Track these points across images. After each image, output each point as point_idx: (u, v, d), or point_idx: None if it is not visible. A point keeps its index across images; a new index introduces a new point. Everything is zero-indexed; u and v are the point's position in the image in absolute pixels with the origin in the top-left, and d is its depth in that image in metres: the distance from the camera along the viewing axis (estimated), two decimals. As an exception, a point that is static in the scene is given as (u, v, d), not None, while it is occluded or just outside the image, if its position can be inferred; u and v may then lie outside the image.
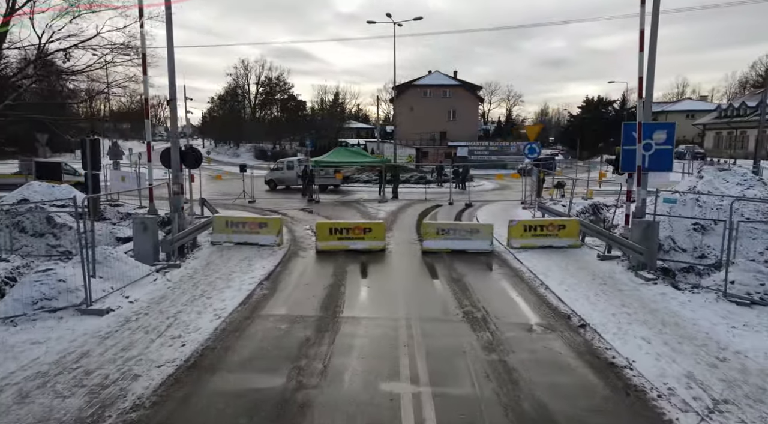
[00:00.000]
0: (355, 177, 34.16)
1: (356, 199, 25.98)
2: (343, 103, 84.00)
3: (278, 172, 31.67)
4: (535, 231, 13.48)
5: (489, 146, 56.15)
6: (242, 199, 24.83)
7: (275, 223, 13.81)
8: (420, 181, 33.62)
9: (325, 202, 24.60)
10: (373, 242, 13.45)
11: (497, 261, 12.42)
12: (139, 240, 10.73)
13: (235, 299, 8.97)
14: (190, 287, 9.60)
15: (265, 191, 30.70)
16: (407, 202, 24.54)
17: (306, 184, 26.43)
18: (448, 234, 13.41)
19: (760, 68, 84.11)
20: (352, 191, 30.50)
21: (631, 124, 11.35)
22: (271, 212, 21.14)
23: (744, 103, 53.11)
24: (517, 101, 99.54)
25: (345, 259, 12.51)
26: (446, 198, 25.08)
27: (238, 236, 13.60)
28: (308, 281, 10.63)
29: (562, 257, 12.35)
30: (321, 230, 13.49)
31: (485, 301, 9.16)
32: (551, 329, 7.72)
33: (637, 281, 10.07)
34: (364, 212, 21.31)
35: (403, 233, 16.21)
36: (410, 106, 64.10)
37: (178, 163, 12.06)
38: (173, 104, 11.66)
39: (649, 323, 7.77)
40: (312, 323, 7.96)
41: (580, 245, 13.41)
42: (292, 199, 26.30)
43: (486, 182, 36.18)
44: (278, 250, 13.24)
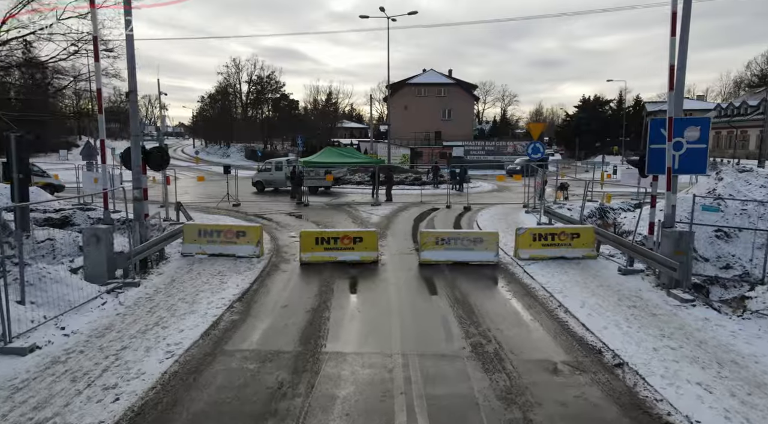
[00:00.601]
0: (347, 178, 32.64)
1: (348, 202, 24.49)
2: (336, 103, 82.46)
3: (266, 173, 30.11)
4: (545, 240, 12.04)
5: (485, 146, 54.80)
6: (226, 203, 23.26)
7: (254, 231, 12.29)
8: (415, 182, 32.17)
9: (314, 206, 23.09)
10: (364, 253, 11.97)
11: (505, 275, 10.96)
12: (90, 255, 9.18)
13: (197, 329, 7.45)
14: (145, 313, 8.06)
15: (253, 194, 29.13)
16: (402, 205, 23.07)
17: (294, 187, 24.91)
18: (449, 244, 11.95)
19: (755, 68, 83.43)
20: (344, 193, 28.99)
21: (660, 121, 9.94)
22: (256, 216, 19.61)
23: (745, 102, 52.07)
24: (511, 101, 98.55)
25: (332, 273, 11.02)
26: (443, 201, 23.63)
27: (213, 247, 12.07)
28: (288, 302, 9.13)
29: (577, 271, 10.91)
30: (306, 240, 11.99)
31: (496, 328, 7.70)
32: (581, 370, 6.27)
33: (671, 301, 8.64)
34: (355, 216, 19.82)
35: (397, 241, 14.74)
36: (404, 105, 62.64)
37: (139, 165, 10.51)
38: (133, 96, 10.13)
39: (702, 361, 6.34)
40: (287, 362, 6.47)
41: (595, 255, 11.99)
42: (279, 202, 24.76)
43: (483, 183, 34.79)
44: (257, 262, 11.72)
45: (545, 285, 9.88)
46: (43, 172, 23.26)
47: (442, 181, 32.63)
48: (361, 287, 10.10)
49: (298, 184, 24.35)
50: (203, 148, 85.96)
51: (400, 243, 14.47)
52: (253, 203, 23.80)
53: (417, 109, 62.55)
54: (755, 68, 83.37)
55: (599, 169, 29.04)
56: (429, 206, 22.67)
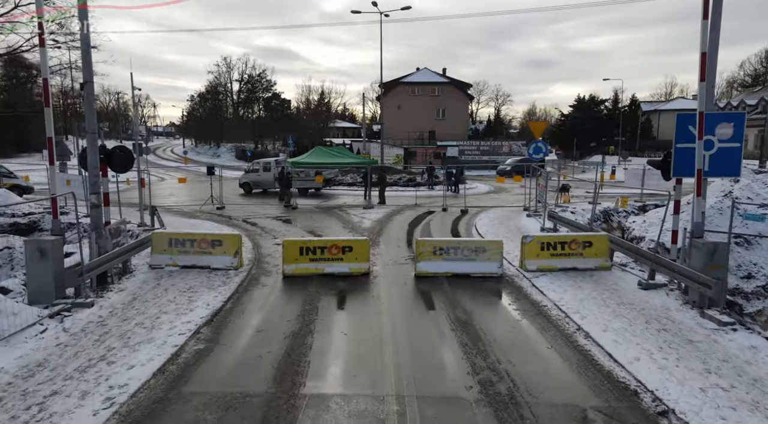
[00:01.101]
0: (339, 179, 31.40)
1: (338, 205, 23.25)
2: (329, 102, 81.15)
3: (253, 174, 28.79)
4: (554, 249, 10.88)
5: (480, 146, 53.73)
6: (210, 206, 21.97)
7: (232, 240, 11.03)
8: (409, 183, 30.98)
9: (303, 209, 21.84)
10: (354, 265, 10.76)
11: (511, 290, 9.79)
12: (34, 272, 7.90)
13: (151, 364, 6.21)
14: (91, 343, 6.80)
15: (240, 195, 27.84)
16: (396, 208, 21.87)
17: (282, 188, 23.65)
18: (448, 254, 10.76)
19: (748, 68, 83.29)
20: (335, 195, 27.75)
21: (688, 117, 8.81)
22: (240, 220, 18.34)
23: (743, 102, 51.36)
24: (505, 100, 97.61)
25: (318, 288, 9.81)
26: (439, 203, 22.46)
27: (185, 258, 10.81)
28: (265, 325, 7.90)
29: (592, 285, 9.75)
30: (289, 250, 10.75)
31: (507, 360, 6.52)
32: (618, 420, 5.09)
33: (706, 324, 7.50)
34: (346, 220, 18.59)
35: (391, 249, 13.53)
36: (398, 105, 61.51)
37: (97, 167, 9.23)
38: (89, 88, 8.86)
39: (765, 407, 5.18)
40: (255, 410, 5.25)
41: (609, 266, 10.84)
42: (267, 204, 23.47)
43: (479, 185, 33.65)
44: (234, 275, 10.48)
45: (559, 303, 8.71)
46: (10, 173, 21.83)
47: (437, 182, 31.49)
48: (350, 306, 8.89)
49: (287, 185, 23.10)
50: (193, 148, 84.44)
51: (394, 251, 13.26)
52: (239, 206, 22.51)
53: (411, 108, 61.42)
54: (749, 68, 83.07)
55: (597, 170, 27.95)
56: (424, 209, 21.49)
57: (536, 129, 18.87)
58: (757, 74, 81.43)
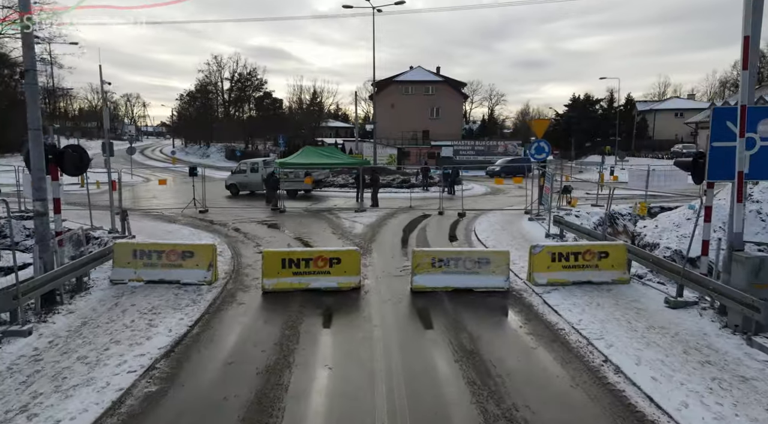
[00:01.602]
0: (330, 181, 30.15)
1: (329, 208, 22.02)
2: (321, 102, 79.75)
3: (240, 175, 27.48)
4: (566, 260, 9.73)
5: (475, 146, 52.65)
6: (193, 209, 20.68)
7: (205, 251, 9.79)
8: (403, 185, 29.80)
9: (291, 212, 20.59)
10: (342, 278, 9.56)
11: (521, 309, 8.63)
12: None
13: (83, 418, 4.97)
14: (14, 388, 5.54)
15: (226, 198, 26.55)
16: (389, 211, 20.67)
17: (270, 191, 22.38)
18: (448, 266, 9.59)
19: (740, 68, 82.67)
20: (326, 197, 26.51)
21: (726, 111, 7.70)
22: (222, 225, 17.07)
23: (761, 98, 50.50)
24: (499, 100, 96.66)
25: (302, 306, 8.61)
26: (434, 206, 21.29)
27: (151, 272, 9.55)
28: (236, 356, 6.68)
29: (612, 302, 8.61)
30: (270, 262, 9.53)
31: (524, 405, 5.34)
32: None
33: (757, 355, 6.36)
34: (336, 224, 17.37)
35: (384, 259, 12.34)
36: (391, 104, 60.35)
37: (42, 169, 7.97)
38: (30, 77, 7.60)
39: None
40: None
41: (627, 279, 9.71)
42: (253, 207, 22.20)
43: (476, 185, 32.47)
44: (207, 292, 9.25)
45: (577, 326, 7.55)
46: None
47: (432, 183, 30.34)
48: (337, 330, 7.68)
49: (274, 188, 21.83)
50: (183, 148, 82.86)
51: (388, 261, 12.06)
52: (223, 210, 21.20)
53: (404, 107, 60.33)
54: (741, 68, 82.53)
55: (600, 170, 26.93)
56: (419, 212, 20.30)
57: (539, 127, 17.75)
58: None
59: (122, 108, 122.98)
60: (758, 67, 42.11)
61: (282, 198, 22.02)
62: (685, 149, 46.38)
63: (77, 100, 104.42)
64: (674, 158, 45.69)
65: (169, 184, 31.33)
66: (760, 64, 79.25)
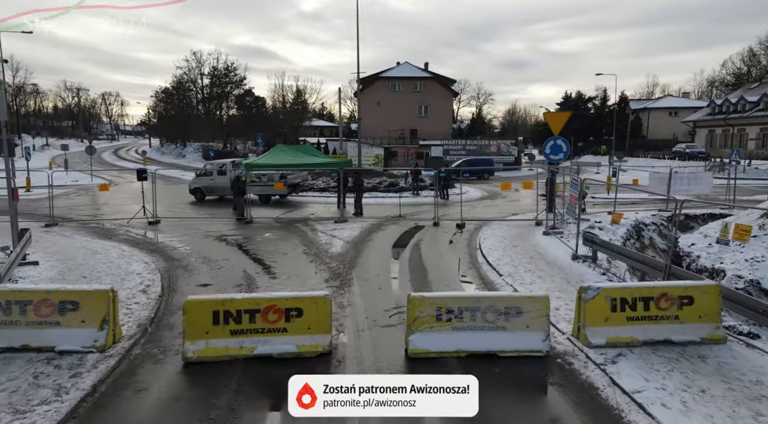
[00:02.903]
0: (308, 184, 26.92)
1: (305, 217, 18.82)
2: (305, 100, 76.06)
3: (206, 178, 24.12)
4: (633, 309, 6.69)
5: (466, 145, 49.77)
6: (144, 219, 17.36)
7: (96, 300, 6.52)
8: (391, 188, 26.66)
9: (260, 223, 17.37)
10: (304, 339, 6.43)
11: (577, 395, 5.55)
12: None
13: None
14: None
15: (190, 204, 23.24)
16: (375, 221, 17.55)
17: (236, 197, 19.10)
18: (461, 319, 6.50)
19: (730, 67, 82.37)
20: (303, 204, 23.30)
21: None
22: (170, 242, 13.81)
23: (743, 98, 48.43)
24: (487, 99, 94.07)
25: (238, 392, 5.48)
26: (428, 214, 18.25)
27: (10, 333, 6.30)
28: None
29: (722, 386, 5.57)
30: (195, 316, 6.35)
31: None
32: None
33: None
34: (311, 241, 14.20)
35: (369, 295, 9.20)
36: (377, 101, 57.17)
37: None
38: None
39: None
40: None
41: (723, 337, 6.69)
42: (216, 217, 18.94)
43: (470, 189, 29.31)
44: (94, 365, 6.03)
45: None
46: None
47: (422, 186, 27.28)
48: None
49: (240, 193, 18.54)
50: (159, 148, 78.90)
51: (374, 298, 8.94)
52: (178, 221, 17.86)
53: (391, 104, 57.23)
54: (730, 67, 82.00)
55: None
56: (410, 223, 17.21)
57: (556, 122, 14.77)
58: (740, 73, 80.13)
59: (100, 106, 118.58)
60: (748, 67, 39.92)
61: (254, 204, 18.80)
62: (689, 149, 43.91)
63: (48, 99, 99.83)
64: (676, 158, 43.40)
65: (127, 189, 27.87)
66: (751, 63, 78.35)
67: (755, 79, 68.27)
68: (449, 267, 11.29)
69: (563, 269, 10.44)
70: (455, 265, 11.43)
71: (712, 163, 35.67)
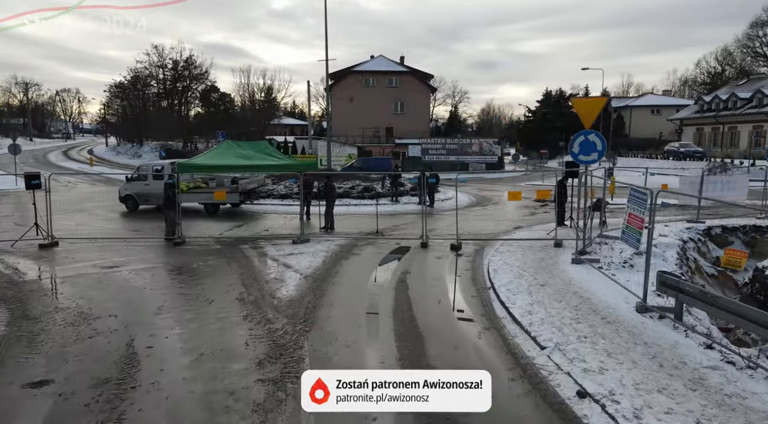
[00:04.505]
0: (268, 190, 22.73)
1: (255, 236, 14.71)
2: (275, 98, 71.15)
3: (139, 183, 19.69)
4: None
5: (446, 144, 46.08)
6: (36, 240, 13.02)
7: None
8: (365, 194, 22.71)
9: (194, 245, 13.26)
10: None
11: None
12: None
13: None
14: None
15: (121, 215, 18.90)
16: (345, 241, 13.60)
17: (167, 209, 14.77)
18: None
19: (704, 66, 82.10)
20: (259, 215, 19.17)
21: None
22: (44, 281, 9.59)
23: (734, 95, 46.13)
24: (462, 98, 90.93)
25: None
26: (412, 229, 14.48)
27: None
28: None
29: None
30: None
31: None
32: None
33: None
34: (255, 275, 10.16)
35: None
36: (350, 97, 53.13)
37: None
38: None
39: None
40: None
41: None
42: (141, 235, 14.73)
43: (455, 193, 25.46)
44: None
45: None
46: None
47: (402, 191, 23.43)
48: None
49: (169, 205, 14.24)
50: (115, 147, 73.12)
51: (340, 421, 4.97)
52: (85, 243, 13.50)
53: (365, 101, 53.26)
54: (704, 67, 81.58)
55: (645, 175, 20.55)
56: (392, 243, 13.33)
57: (588, 110, 11.04)
58: (715, 72, 79.47)
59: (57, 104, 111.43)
60: (722, 66, 37.44)
61: (197, 216, 14.58)
62: (683, 148, 41.22)
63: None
64: (670, 158, 40.71)
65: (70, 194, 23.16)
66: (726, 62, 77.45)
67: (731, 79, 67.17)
68: (455, 329, 7.39)
69: (636, 334, 6.70)
70: (463, 325, 7.54)
71: (712, 164, 32.82)
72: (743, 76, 61.82)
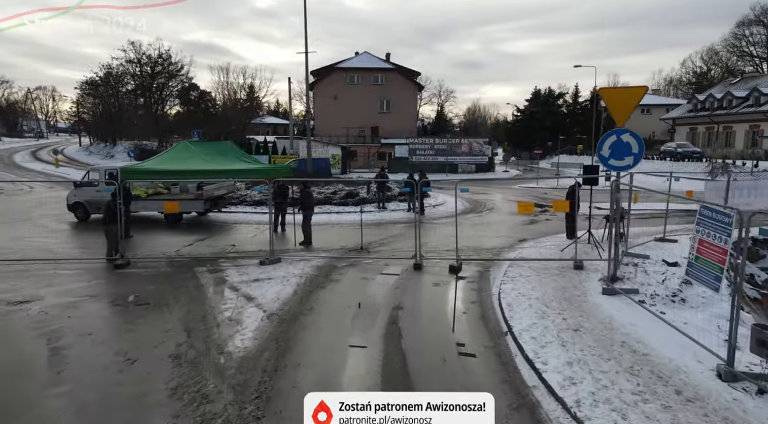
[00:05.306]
0: (240, 196, 20.36)
1: (218, 254, 12.39)
2: (257, 96, 68.30)
3: (90, 189, 17.14)
4: None
5: (434, 144, 44.03)
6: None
7: None
8: (349, 200, 20.46)
9: (140, 267, 10.94)
10: None
11: None
12: None
13: None
14: None
15: (69, 226, 16.45)
16: (323, 261, 11.38)
17: (108, 223, 12.25)
18: None
19: (689, 66, 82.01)
20: (227, 226, 16.81)
21: None
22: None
23: (729, 93, 44.80)
24: (449, 97, 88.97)
25: None
26: (401, 244, 12.34)
27: None
28: None
29: None
30: None
31: None
32: None
33: None
34: (202, 318, 7.90)
35: None
36: (334, 95, 50.83)
37: None
38: None
39: None
40: None
41: None
42: (87, 252, 12.33)
43: (448, 198, 23.35)
44: None
45: None
46: None
47: (389, 197, 21.27)
48: None
49: (111, 217, 11.78)
50: (88, 147, 69.81)
51: None
52: (4, 268, 11.08)
53: (349, 99, 51.00)
54: (690, 66, 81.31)
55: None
56: (380, 264, 11.13)
57: (621, 101, 8.94)
58: (701, 72, 79.12)
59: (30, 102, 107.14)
60: (708, 66, 35.82)
61: (155, 227, 12.21)
62: (680, 148, 39.70)
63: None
64: (667, 158, 39.17)
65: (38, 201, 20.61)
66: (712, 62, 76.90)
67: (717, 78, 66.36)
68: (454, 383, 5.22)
69: (695, 397, 4.59)
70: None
71: (713, 165, 31.25)
72: (729, 75, 60.98)
